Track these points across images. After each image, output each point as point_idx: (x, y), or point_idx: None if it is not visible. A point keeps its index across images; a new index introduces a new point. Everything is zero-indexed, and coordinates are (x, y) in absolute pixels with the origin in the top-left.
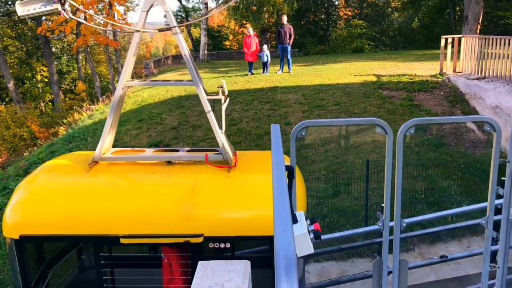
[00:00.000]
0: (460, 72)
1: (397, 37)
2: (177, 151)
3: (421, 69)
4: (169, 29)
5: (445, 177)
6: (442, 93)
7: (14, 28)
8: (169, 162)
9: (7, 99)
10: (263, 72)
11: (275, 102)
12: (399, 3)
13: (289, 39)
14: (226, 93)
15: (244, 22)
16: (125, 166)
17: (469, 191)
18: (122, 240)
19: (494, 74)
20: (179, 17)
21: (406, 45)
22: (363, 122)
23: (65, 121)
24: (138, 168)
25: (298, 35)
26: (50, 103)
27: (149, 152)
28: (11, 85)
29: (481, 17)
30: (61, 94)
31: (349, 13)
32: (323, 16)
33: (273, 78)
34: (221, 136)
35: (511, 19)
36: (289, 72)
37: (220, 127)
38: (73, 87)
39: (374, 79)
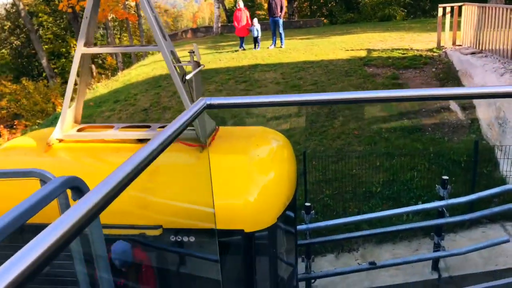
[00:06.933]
0: (460, 45)
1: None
2: (149, 127)
3: (423, 41)
4: None
5: (409, 168)
6: (433, 69)
7: (49, 4)
8: (139, 140)
9: (44, 74)
10: (255, 47)
11: (251, 81)
12: None
13: (280, 11)
14: (200, 59)
15: None
16: (89, 145)
17: (432, 185)
18: None
19: (491, 48)
20: None
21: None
22: (17, 176)
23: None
24: (102, 148)
25: (330, 2)
26: None
27: (117, 128)
28: (44, 61)
29: None
30: (94, 68)
31: None
32: None
33: (259, 55)
34: None
35: None
36: (281, 47)
37: (192, 100)
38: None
39: (364, 54)
